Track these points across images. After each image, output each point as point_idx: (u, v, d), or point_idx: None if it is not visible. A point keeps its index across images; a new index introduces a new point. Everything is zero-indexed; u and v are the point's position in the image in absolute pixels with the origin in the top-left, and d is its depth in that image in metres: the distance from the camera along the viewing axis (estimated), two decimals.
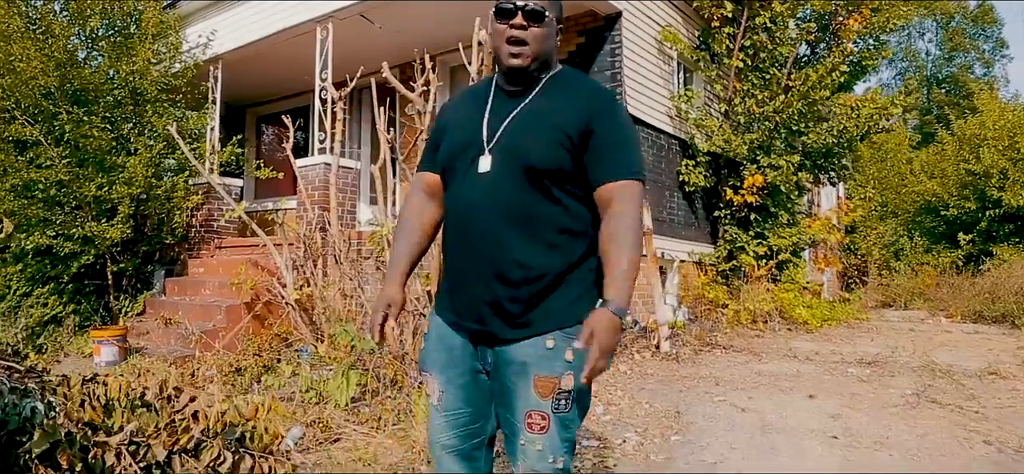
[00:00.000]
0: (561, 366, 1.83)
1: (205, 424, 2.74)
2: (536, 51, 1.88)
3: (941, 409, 4.55)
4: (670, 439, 4.08)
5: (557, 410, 1.84)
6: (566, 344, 1.83)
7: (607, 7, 7.88)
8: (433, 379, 2.01)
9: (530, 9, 1.85)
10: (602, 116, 1.86)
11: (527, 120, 1.89)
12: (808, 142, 9.65)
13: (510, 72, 1.92)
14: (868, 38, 10.04)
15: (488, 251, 1.87)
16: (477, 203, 1.88)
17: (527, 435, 1.85)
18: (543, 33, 1.88)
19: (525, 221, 1.85)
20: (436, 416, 2.02)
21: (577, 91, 1.93)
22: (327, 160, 7.39)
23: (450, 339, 1.99)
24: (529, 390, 1.84)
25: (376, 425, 4.37)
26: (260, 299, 7.23)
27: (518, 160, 1.85)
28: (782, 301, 8.64)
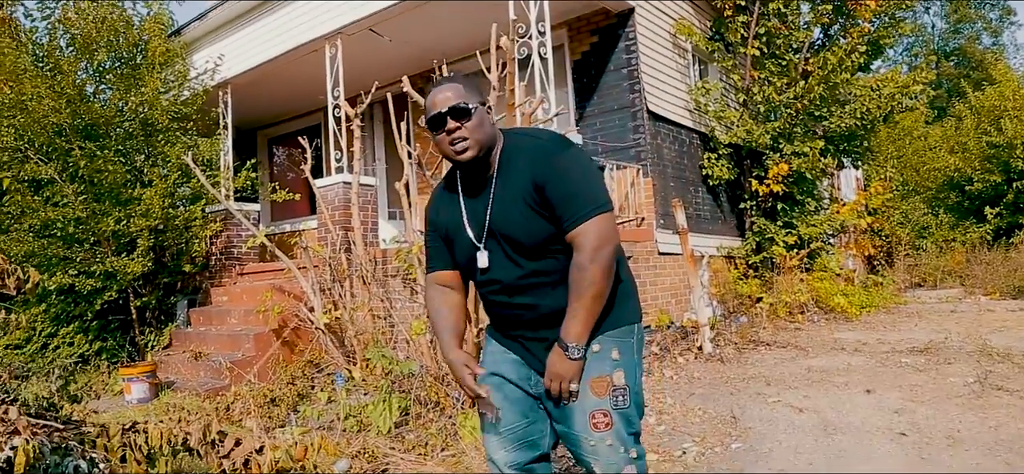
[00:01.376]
0: (610, 365, 2.02)
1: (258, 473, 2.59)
2: (478, 140, 2.02)
3: (1008, 395, 4.35)
4: (731, 447, 3.90)
5: (616, 406, 2.02)
6: (611, 344, 2.03)
7: (620, 4, 7.74)
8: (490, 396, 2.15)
9: (455, 109, 2.01)
10: (546, 172, 1.99)
11: (499, 205, 2.05)
12: (830, 126, 9.46)
13: (465, 166, 2.08)
14: (884, 16, 9.82)
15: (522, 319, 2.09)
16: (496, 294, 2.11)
17: (594, 435, 2.01)
18: (476, 122, 2.02)
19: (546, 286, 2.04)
20: (492, 435, 2.18)
21: (524, 159, 2.05)
22: (346, 179, 7.26)
23: (503, 357, 2.18)
24: (587, 393, 2.01)
25: (424, 451, 4.22)
26: (288, 325, 7.09)
27: (508, 244, 2.04)
28: (818, 291, 8.44)
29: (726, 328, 7.16)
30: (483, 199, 2.09)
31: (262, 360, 6.88)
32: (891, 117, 9.90)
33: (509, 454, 2.15)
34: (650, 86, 7.94)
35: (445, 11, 7.47)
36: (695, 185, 8.95)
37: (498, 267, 2.06)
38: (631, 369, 2.06)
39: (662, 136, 8.21)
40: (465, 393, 2.12)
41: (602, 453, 2.01)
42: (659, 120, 8.13)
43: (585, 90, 8.34)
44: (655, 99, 8.04)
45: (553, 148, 2.04)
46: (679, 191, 8.41)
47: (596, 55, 8.24)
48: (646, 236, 7.63)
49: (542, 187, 1.97)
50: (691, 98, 8.94)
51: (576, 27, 8.44)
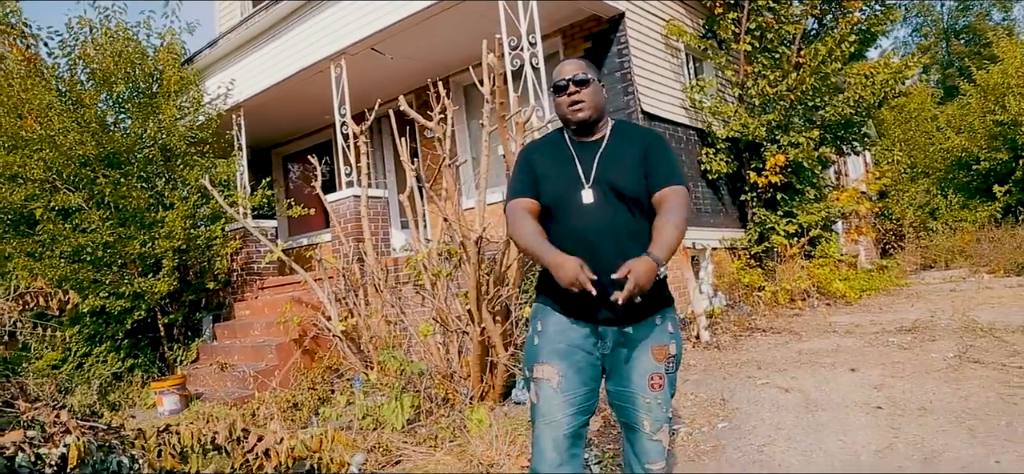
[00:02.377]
0: (668, 336, 2.46)
1: (277, 461, 2.92)
2: (592, 104, 2.51)
3: (983, 368, 4.59)
4: (717, 426, 4.18)
5: (668, 371, 2.46)
6: (668, 320, 2.47)
7: (609, 9, 8.00)
8: (553, 366, 2.44)
9: (577, 78, 2.50)
10: (655, 148, 2.50)
11: (611, 160, 2.49)
12: (826, 115, 9.66)
13: (579, 125, 2.53)
14: (875, 4, 10.03)
15: (607, 257, 2.32)
16: (591, 226, 2.42)
17: (651, 394, 2.43)
18: (592, 91, 2.51)
19: (632, 235, 2.40)
20: (555, 398, 2.42)
21: (636, 138, 2.56)
22: (356, 192, 7.61)
23: (569, 329, 2.46)
24: (649, 357, 2.43)
25: (434, 444, 4.54)
26: (307, 334, 7.47)
27: (615, 189, 2.43)
28: (818, 277, 8.66)
29: (727, 317, 7.41)
30: (593, 152, 2.50)
31: (284, 369, 7.26)
32: (886, 103, 10.06)
33: (569, 416, 2.41)
34: (643, 87, 8.21)
35: (442, 28, 7.80)
36: (694, 180, 9.20)
37: (599, 207, 2.42)
38: (679, 342, 2.51)
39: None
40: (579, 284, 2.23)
41: (653, 410, 2.44)
42: (654, 119, 8.39)
43: None
44: (649, 99, 8.30)
45: (656, 135, 2.60)
46: None
47: (590, 60, 8.50)
48: None
49: (649, 156, 2.46)
50: (686, 96, 9.19)
51: (570, 34, 8.73)
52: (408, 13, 7.40)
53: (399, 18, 7.52)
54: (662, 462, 2.51)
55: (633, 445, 2.52)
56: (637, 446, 2.50)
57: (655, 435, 2.46)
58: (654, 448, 2.47)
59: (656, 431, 2.46)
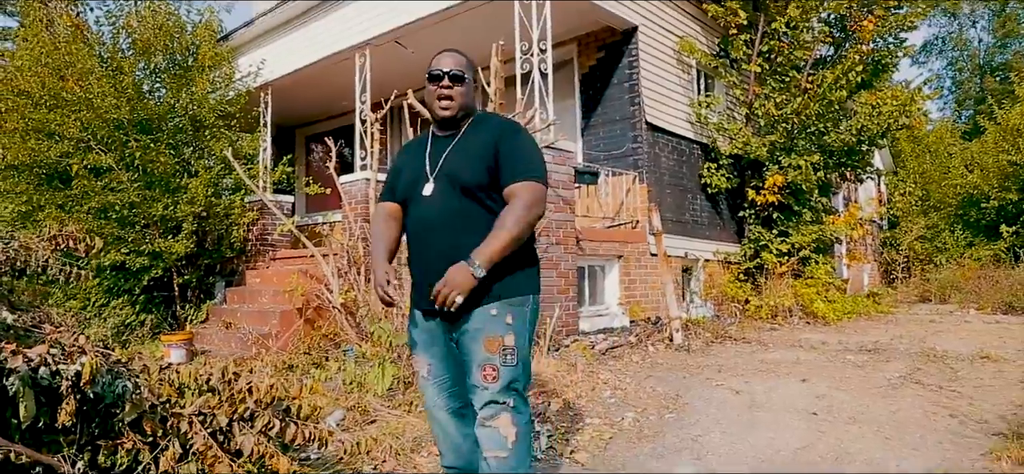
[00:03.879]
0: (503, 328, 2.39)
1: (257, 396, 3.37)
2: (460, 104, 2.52)
3: (922, 389, 4.92)
4: (664, 417, 4.57)
5: (504, 363, 2.38)
6: (506, 310, 2.40)
7: (623, 22, 8.39)
8: (421, 358, 2.62)
9: (453, 73, 2.49)
10: (504, 139, 2.46)
11: (458, 152, 2.49)
12: (829, 141, 9.95)
13: (442, 121, 2.55)
14: (888, 36, 10.28)
15: (441, 250, 2.41)
16: (427, 217, 2.48)
17: (483, 384, 2.39)
18: (464, 90, 2.52)
19: (464, 224, 2.41)
20: (428, 386, 2.63)
21: (488, 126, 2.54)
22: (367, 176, 8.08)
23: (426, 324, 2.58)
24: (481, 348, 2.39)
25: (408, 409, 4.98)
26: (310, 305, 7.95)
27: (454, 181, 2.44)
28: (802, 296, 8.98)
29: (704, 325, 7.77)
30: (445, 146, 2.52)
31: (286, 334, 7.75)
32: (890, 132, 10.32)
33: (443, 401, 2.58)
34: (649, 99, 8.58)
35: (462, 27, 8.23)
36: (693, 192, 9.55)
37: (437, 199, 2.44)
38: (521, 334, 2.42)
39: (660, 146, 8.85)
40: (379, 295, 2.57)
41: (484, 398, 2.39)
42: (657, 131, 8.76)
43: (591, 102, 9.03)
44: (654, 112, 8.67)
45: (513, 126, 2.56)
46: (676, 198, 9.04)
47: (602, 69, 8.91)
48: (639, 238, 8.28)
49: (497, 147, 2.43)
50: (693, 111, 9.54)
51: (585, 42, 9.13)
52: (432, 10, 7.86)
53: (423, 14, 7.98)
54: (501, 452, 2.38)
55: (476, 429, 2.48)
56: (477, 431, 2.45)
57: (487, 420, 2.40)
58: (488, 435, 2.40)
59: (488, 417, 2.39)
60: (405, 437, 4.25)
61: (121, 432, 3.28)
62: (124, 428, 3.25)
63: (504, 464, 2.39)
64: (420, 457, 3.99)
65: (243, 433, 3.37)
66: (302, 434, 3.46)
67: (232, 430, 3.38)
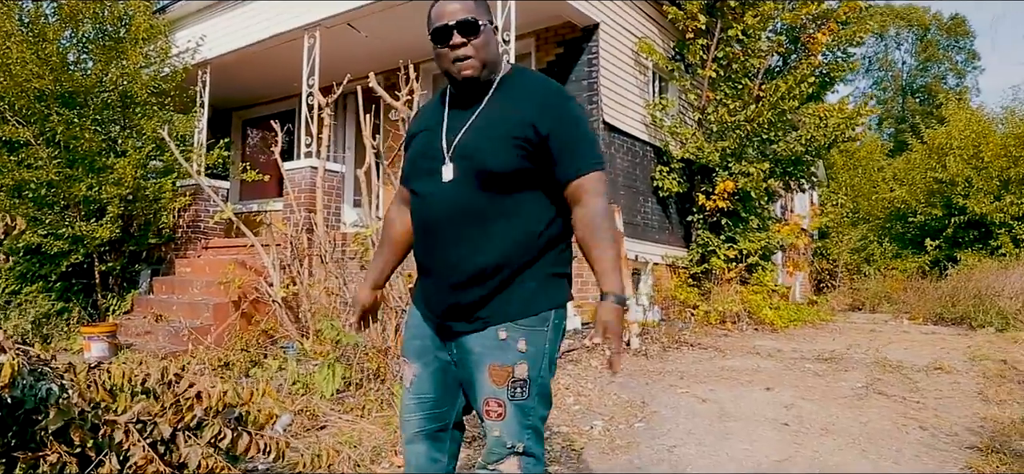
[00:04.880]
0: (513, 356, 1.91)
1: (208, 403, 3.01)
2: (483, 59, 1.94)
3: (886, 399, 4.90)
4: (634, 425, 4.39)
5: (513, 398, 1.92)
6: (519, 335, 1.92)
7: (585, 19, 8.22)
8: (409, 364, 2.16)
9: (462, 23, 1.91)
10: (556, 115, 1.93)
11: (482, 128, 1.94)
12: (778, 150, 10.04)
13: (465, 84, 1.97)
14: (837, 50, 10.47)
15: (445, 253, 1.98)
16: (436, 208, 1.99)
17: (487, 422, 1.96)
18: (482, 41, 1.93)
19: (479, 223, 1.93)
20: (407, 397, 2.16)
21: (527, 91, 1.98)
22: (314, 164, 7.66)
23: (423, 329, 2.12)
24: (485, 379, 1.94)
25: (361, 413, 4.65)
26: (247, 297, 7.48)
27: (474, 166, 1.91)
28: (750, 303, 9.01)
29: (658, 330, 7.68)
30: (465, 117, 1.98)
31: (220, 329, 7.26)
32: (836, 145, 10.51)
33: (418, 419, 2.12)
34: (607, 99, 8.44)
35: (419, 12, 7.89)
36: (645, 195, 9.48)
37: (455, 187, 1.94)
38: (537, 361, 1.95)
39: (616, 146, 8.72)
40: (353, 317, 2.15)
41: (489, 439, 1.97)
42: (614, 131, 8.64)
43: None
44: (612, 111, 8.54)
45: (563, 94, 2.00)
46: (629, 199, 8.92)
47: (560, 65, 8.72)
48: None
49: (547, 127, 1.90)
50: (648, 113, 9.46)
51: (543, 37, 8.92)
52: None
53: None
54: None
55: None
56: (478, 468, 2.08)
57: (490, 466, 1.98)
58: None
59: (492, 462, 1.97)
60: (363, 446, 3.93)
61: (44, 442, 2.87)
62: (47, 438, 2.84)
63: None
64: (379, 468, 3.69)
65: (189, 444, 3.01)
66: (257, 445, 3.12)
67: (176, 441, 3.01)
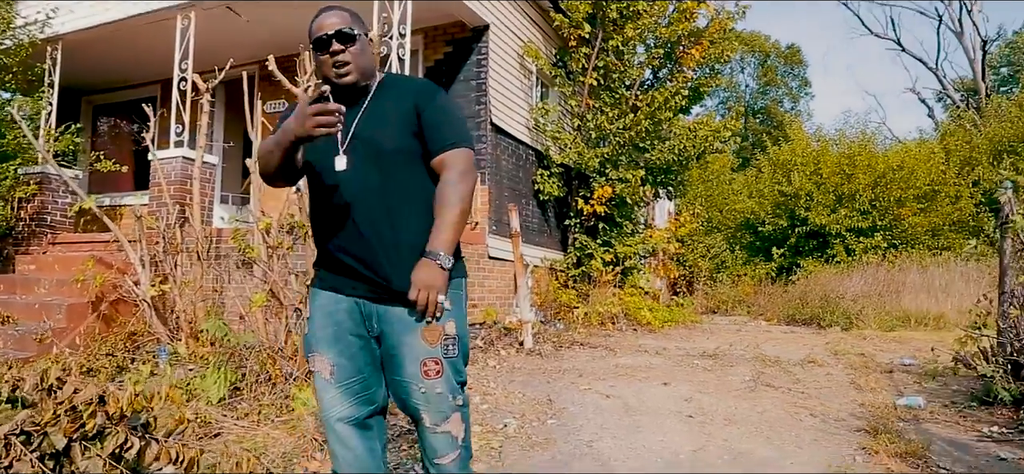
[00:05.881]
0: (443, 314, 2.10)
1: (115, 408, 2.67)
2: (359, 65, 2.17)
3: (775, 391, 5.22)
4: (547, 422, 4.38)
5: (447, 355, 2.12)
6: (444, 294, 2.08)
7: (476, 19, 8.19)
8: (323, 356, 2.19)
9: (341, 33, 2.13)
10: (428, 102, 2.19)
11: (372, 118, 2.19)
12: (651, 158, 10.49)
13: (344, 90, 2.18)
14: (705, 67, 11.10)
15: (369, 228, 2.13)
16: (346, 193, 2.15)
17: (425, 382, 2.09)
18: (358, 49, 2.17)
19: (386, 200, 2.14)
20: (329, 391, 2.19)
21: (405, 89, 2.26)
22: (187, 154, 7.12)
23: (336, 312, 2.19)
24: (418, 340, 2.09)
25: (257, 419, 4.33)
26: (106, 298, 6.80)
27: (373, 149, 2.14)
28: (628, 304, 9.33)
29: (547, 331, 7.77)
30: (355, 113, 2.18)
31: (75, 332, 6.54)
32: (703, 157, 11.13)
33: (346, 409, 2.17)
34: (495, 100, 8.45)
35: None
36: (527, 198, 9.58)
37: (356, 171, 2.14)
38: (460, 319, 2.16)
39: (502, 148, 8.75)
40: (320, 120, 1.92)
41: (432, 401, 2.10)
42: (501, 133, 8.66)
43: None
44: (499, 113, 8.56)
45: (434, 88, 2.28)
46: (513, 201, 8.97)
47: (449, 64, 8.63)
48: (478, 240, 8.09)
49: (420, 111, 2.16)
50: (531, 117, 9.58)
51: (432, 35, 8.80)
52: None
53: None
54: (452, 454, 2.17)
55: (421, 440, 2.20)
56: (424, 441, 2.19)
57: (439, 427, 2.14)
58: (440, 441, 2.15)
59: (440, 423, 2.13)
60: (270, 452, 3.65)
61: None
62: None
63: (458, 463, 2.19)
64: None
65: (88, 456, 2.65)
66: (168, 454, 2.80)
67: (72, 453, 2.64)
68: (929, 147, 18.19)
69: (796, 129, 18.61)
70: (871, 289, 11.40)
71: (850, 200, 15.81)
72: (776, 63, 37.73)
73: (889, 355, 7.06)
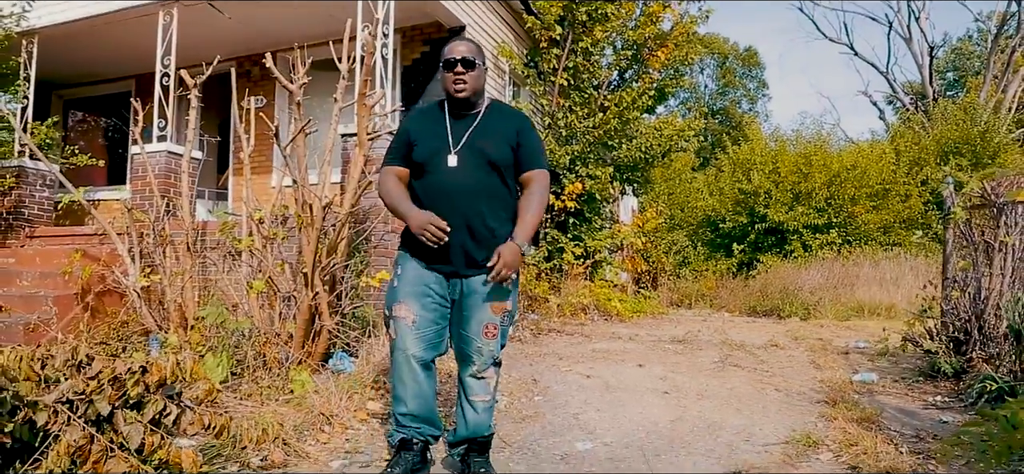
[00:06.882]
0: (506, 295, 2.92)
1: (157, 377, 2.90)
2: (473, 87, 2.89)
3: (741, 370, 5.62)
4: (534, 399, 4.70)
5: (502, 323, 2.95)
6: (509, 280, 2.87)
7: (453, 19, 8.46)
8: (408, 305, 2.89)
9: (466, 60, 2.86)
10: (525, 131, 2.95)
11: (482, 132, 2.90)
12: (619, 156, 10.88)
13: (458, 101, 2.90)
14: (670, 69, 11.54)
15: (466, 214, 2.83)
16: (453, 184, 2.83)
17: (483, 340, 2.91)
18: (476, 74, 2.89)
19: (485, 196, 2.86)
20: (409, 333, 2.89)
21: (508, 116, 3.01)
22: (172, 148, 7.27)
23: (425, 276, 2.92)
24: (487, 309, 2.89)
25: (260, 401, 4.56)
26: (91, 290, 6.91)
27: (482, 156, 2.84)
28: (598, 296, 9.70)
29: (523, 319, 8.09)
30: (467, 125, 2.90)
31: (63, 323, 6.64)
32: (669, 155, 11.55)
33: (419, 351, 2.89)
34: None
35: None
36: None
37: (464, 170, 2.82)
38: (515, 300, 3.01)
39: None
40: (430, 233, 2.70)
41: (484, 354, 2.93)
42: None
43: (412, 95, 8.96)
44: None
45: (528, 118, 3.05)
46: None
47: (425, 64, 8.89)
48: None
49: (519, 138, 2.91)
50: None
51: (409, 35, 9.04)
52: None
53: None
54: (485, 396, 3.00)
55: (462, 381, 3.01)
56: (465, 382, 3.00)
57: (482, 373, 2.96)
58: (479, 385, 2.98)
59: (483, 369, 2.96)
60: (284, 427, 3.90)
61: None
62: None
63: (487, 405, 3.04)
64: (308, 446, 3.70)
65: (130, 423, 2.88)
66: (201, 421, 3.05)
67: (115, 420, 2.87)
68: (881, 148, 18.97)
69: (754, 130, 19.28)
70: (827, 282, 11.98)
71: (807, 198, 16.45)
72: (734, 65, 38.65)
73: (845, 340, 7.55)
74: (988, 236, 4.98)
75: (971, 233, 5.14)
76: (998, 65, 25.07)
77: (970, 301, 5.04)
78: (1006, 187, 4.80)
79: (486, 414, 3.03)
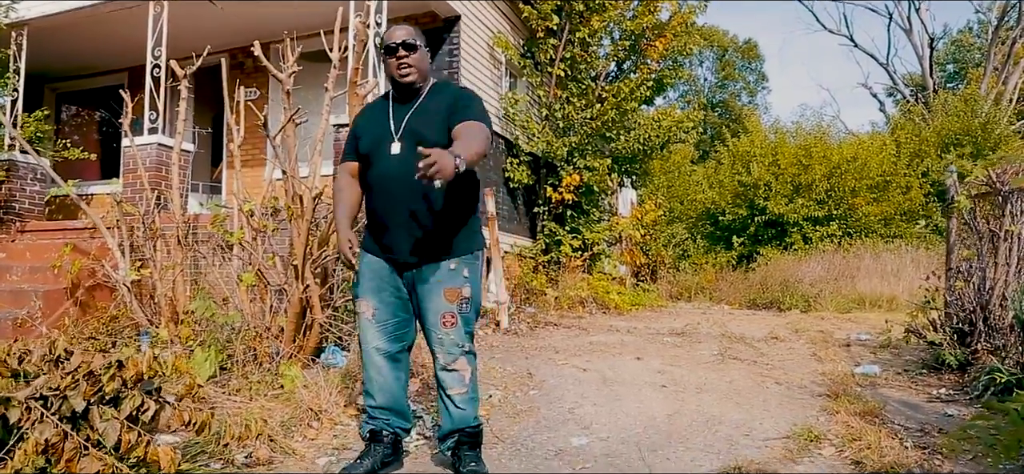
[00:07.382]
0: (461, 280, 2.82)
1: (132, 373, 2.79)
2: (418, 69, 2.83)
3: (741, 363, 5.52)
4: (529, 393, 4.60)
5: (461, 311, 2.83)
6: (464, 265, 2.83)
7: (448, 9, 8.34)
8: (367, 300, 2.91)
9: (407, 43, 2.79)
10: (461, 100, 2.81)
11: (420, 114, 2.81)
12: (617, 148, 10.77)
13: (404, 87, 2.84)
14: (668, 60, 11.42)
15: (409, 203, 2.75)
16: (395, 173, 2.76)
17: (442, 330, 2.81)
18: (419, 56, 2.83)
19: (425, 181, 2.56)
20: (370, 328, 2.91)
21: (446, 92, 2.89)
22: (163, 140, 7.16)
23: (380, 269, 2.90)
24: (441, 298, 2.80)
25: (249, 396, 4.46)
26: (81, 285, 6.81)
27: (419, 141, 2.61)
28: (596, 288, 9.60)
29: (521, 313, 7.99)
30: (407, 111, 2.83)
31: (53, 318, 6.56)
32: (668, 146, 11.45)
33: (381, 343, 2.89)
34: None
35: None
36: (497, 186, 9.76)
37: (402, 157, 2.73)
38: (474, 285, 2.88)
39: None
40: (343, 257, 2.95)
41: (446, 343, 2.83)
42: None
43: None
44: None
45: (469, 92, 2.91)
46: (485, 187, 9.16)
47: None
48: None
49: (456, 108, 2.75)
50: (501, 106, 9.76)
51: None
52: None
53: None
54: (461, 389, 2.87)
55: (436, 372, 2.92)
56: (439, 377, 2.90)
57: (451, 365, 2.84)
58: (452, 377, 2.86)
59: (451, 362, 2.83)
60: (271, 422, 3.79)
61: None
62: None
63: (465, 398, 2.90)
64: (295, 442, 3.59)
65: (106, 419, 2.77)
66: (181, 416, 2.94)
67: (90, 416, 2.76)
68: (881, 140, 18.85)
69: (753, 122, 19.15)
70: (828, 274, 11.87)
71: (807, 190, 16.33)
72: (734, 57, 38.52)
73: (846, 332, 7.45)
74: (993, 225, 4.87)
75: (975, 222, 5.03)
76: (999, 57, 24.94)
77: (975, 291, 4.93)
78: (1012, 175, 4.69)
79: (468, 406, 2.91)
